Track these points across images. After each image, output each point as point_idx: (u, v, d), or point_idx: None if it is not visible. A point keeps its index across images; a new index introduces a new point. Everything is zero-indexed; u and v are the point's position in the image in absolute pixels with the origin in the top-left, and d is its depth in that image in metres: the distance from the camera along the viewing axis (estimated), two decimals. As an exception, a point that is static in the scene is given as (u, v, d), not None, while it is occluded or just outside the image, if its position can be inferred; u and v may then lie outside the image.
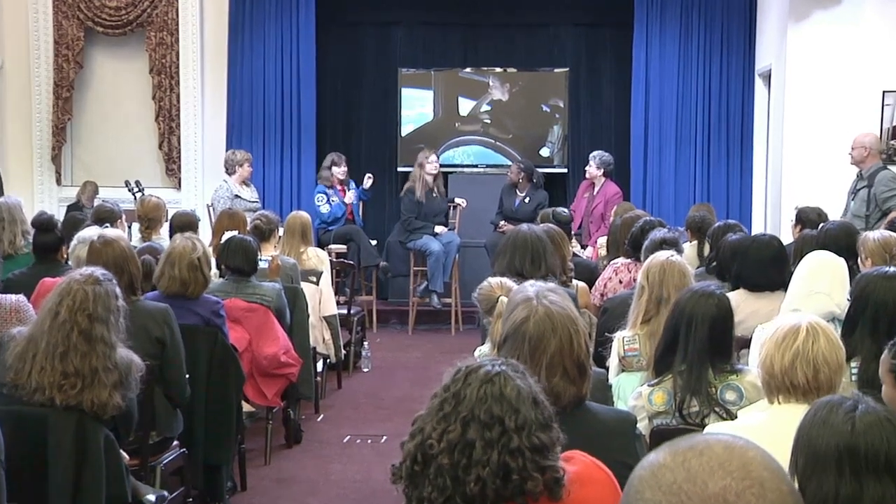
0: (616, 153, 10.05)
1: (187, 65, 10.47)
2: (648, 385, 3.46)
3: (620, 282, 5.64)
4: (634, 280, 5.05)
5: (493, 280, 3.78)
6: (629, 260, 5.71)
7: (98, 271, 3.52)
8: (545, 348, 2.49)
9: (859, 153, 7.69)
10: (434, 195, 9.64)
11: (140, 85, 10.67)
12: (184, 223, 6.45)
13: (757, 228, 9.46)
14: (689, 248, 6.34)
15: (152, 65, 10.50)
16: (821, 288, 4.13)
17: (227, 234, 5.66)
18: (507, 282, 4.07)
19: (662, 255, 4.09)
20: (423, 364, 8.28)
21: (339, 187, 9.79)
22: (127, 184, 9.47)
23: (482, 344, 4.41)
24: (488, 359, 2.04)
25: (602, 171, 9.44)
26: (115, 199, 7.99)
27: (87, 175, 10.45)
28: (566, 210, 7.33)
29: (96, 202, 8.99)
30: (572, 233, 7.40)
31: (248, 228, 6.45)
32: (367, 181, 9.89)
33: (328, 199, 9.69)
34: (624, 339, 4.02)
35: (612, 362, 4.11)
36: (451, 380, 1.98)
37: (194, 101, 10.52)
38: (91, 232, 5.14)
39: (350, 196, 9.75)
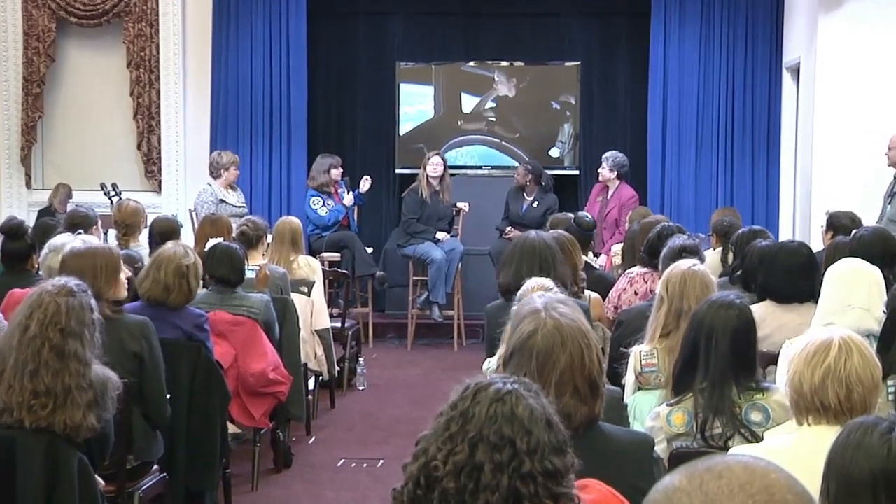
0: (632, 154, 10.05)
1: (168, 58, 10.49)
2: (667, 405, 3.46)
3: (636, 293, 5.64)
4: (651, 291, 5.06)
5: (533, 281, 3.79)
6: (645, 270, 5.71)
7: (71, 282, 3.52)
8: (554, 364, 2.49)
9: (896, 153, 7.70)
10: (440, 198, 9.63)
11: (117, 80, 10.68)
12: (165, 230, 6.45)
13: (785, 235, 9.46)
14: (713, 255, 6.34)
15: (130, 58, 10.51)
16: (858, 302, 4.08)
17: (212, 242, 5.66)
18: (544, 281, 4.07)
19: (684, 264, 4.09)
20: (423, 382, 8.28)
21: (336, 190, 9.78)
22: (103, 187, 9.47)
23: (483, 363, 4.41)
24: (499, 376, 2.04)
25: (615, 173, 9.45)
26: (89, 204, 8.01)
27: (59, 178, 10.46)
28: (589, 215, 7.32)
29: (69, 206, 9.01)
30: (592, 239, 7.38)
31: (233, 235, 6.45)
32: (365, 184, 9.88)
33: (324, 203, 9.68)
34: (641, 355, 4.02)
35: (628, 380, 4.11)
36: (459, 397, 1.98)
37: (176, 97, 10.53)
38: (64, 239, 5.15)
39: (349, 198, 9.74)
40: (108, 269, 4.34)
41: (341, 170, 9.82)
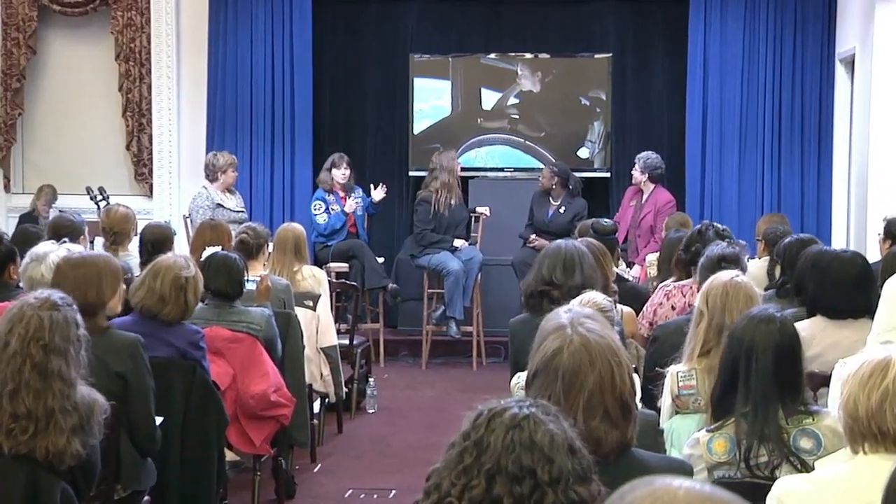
0: (668, 154, 10.03)
1: (160, 50, 10.53)
2: (707, 430, 3.45)
3: (673, 307, 5.63)
4: (690, 305, 5.05)
5: (586, 296, 3.80)
6: (684, 282, 5.70)
7: (55, 294, 3.53)
8: (582, 385, 2.49)
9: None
10: (453, 203, 9.64)
11: (104, 74, 10.73)
12: (157, 238, 6.47)
13: (838, 244, 9.42)
14: (758, 265, 6.32)
15: (119, 50, 10.56)
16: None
17: (209, 251, 5.68)
18: (597, 296, 4.08)
19: (725, 275, 4.08)
20: (439, 405, 8.28)
21: (340, 194, 9.80)
22: (88, 191, 9.51)
23: (511, 379, 4.42)
24: (514, 400, 2.04)
25: (647, 175, 9.44)
26: (74, 209, 8.04)
27: (41, 180, 10.51)
28: (608, 220, 7.31)
29: (53, 212, 9.04)
30: (617, 246, 7.36)
31: (232, 243, 6.48)
32: (379, 192, 9.88)
33: (327, 208, 9.71)
34: (678, 375, 4.01)
35: (664, 402, 4.10)
36: (472, 425, 1.98)
37: (169, 92, 10.57)
38: (47, 248, 5.17)
39: (351, 204, 9.75)
40: (114, 279, 4.40)
41: (347, 171, 9.81)
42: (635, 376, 2.86)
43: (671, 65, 10.73)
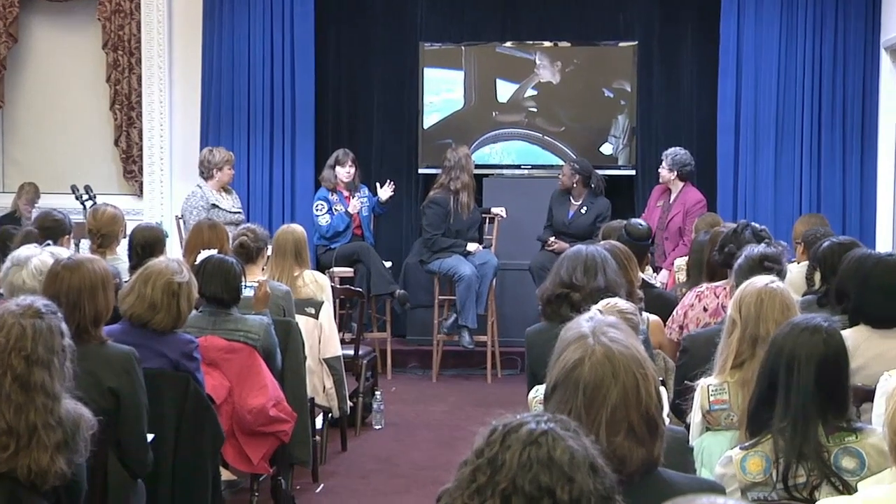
0: (698, 150, 10.02)
1: (151, 37, 10.55)
2: (741, 448, 3.45)
3: (705, 309, 5.63)
4: (724, 308, 5.04)
5: (607, 302, 3.80)
6: (717, 283, 5.69)
7: (39, 301, 3.54)
8: (605, 399, 2.49)
9: None
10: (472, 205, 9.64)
11: (91, 64, 10.76)
12: (147, 240, 6.49)
13: (883, 246, 9.40)
14: (796, 269, 6.31)
15: (106, 38, 10.59)
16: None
17: (203, 254, 5.69)
18: (620, 302, 4.08)
19: (760, 280, 4.08)
20: (451, 420, 8.28)
21: (344, 193, 9.81)
22: (74, 190, 9.53)
23: (528, 393, 4.41)
24: (532, 415, 2.04)
25: (676, 173, 9.43)
26: (59, 208, 8.03)
27: (22, 178, 10.54)
28: (644, 222, 7.28)
29: (37, 212, 9.05)
30: (648, 251, 7.35)
31: (230, 246, 6.49)
32: (386, 191, 9.89)
33: (330, 208, 9.72)
34: (709, 389, 4.01)
35: (694, 418, 4.10)
36: (486, 442, 1.98)
37: (160, 83, 10.59)
38: (29, 252, 5.19)
39: (356, 204, 9.76)
40: (110, 284, 4.43)
41: (352, 168, 9.81)
42: (662, 390, 2.86)
43: (701, 53, 10.71)
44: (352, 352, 7.79)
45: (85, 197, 9.40)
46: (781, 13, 10.08)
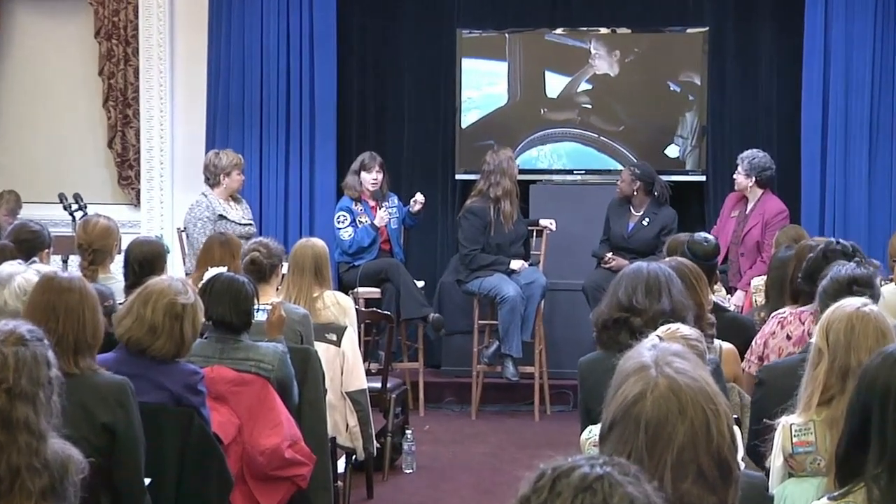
0: (780, 153, 10.00)
1: (150, 25, 10.61)
2: (829, 498, 3.43)
3: (788, 337, 5.60)
4: (810, 335, 5.02)
5: (668, 328, 3.81)
6: (803, 308, 5.67)
7: (23, 326, 3.56)
8: (670, 439, 2.49)
9: None
10: (516, 215, 9.64)
11: (81, 55, 10.83)
12: (146, 256, 6.52)
13: None
14: (892, 290, 6.28)
15: (99, 25, 10.66)
16: None
17: (211, 272, 5.72)
18: (683, 328, 4.07)
19: (850, 304, 4.06)
20: (493, 464, 8.27)
21: (370, 203, 9.83)
22: (62, 199, 9.59)
23: (581, 433, 4.41)
24: (585, 457, 2.04)
25: (753, 179, 9.40)
26: (44, 220, 8.09)
27: (3, 185, 10.59)
28: (710, 237, 7.24)
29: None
30: (717, 270, 7.32)
31: (240, 263, 6.52)
32: (417, 203, 9.88)
33: (353, 220, 9.74)
34: (792, 429, 4.00)
35: (775, 462, 4.08)
36: (532, 489, 1.98)
37: (160, 77, 10.65)
38: (11, 269, 5.23)
39: (383, 216, 9.76)
40: (99, 306, 4.46)
41: (380, 174, 9.82)
42: (737, 429, 2.85)
43: (783, 40, 10.69)
44: (379, 384, 7.80)
45: (74, 207, 9.44)
46: (875, -5, 10.06)
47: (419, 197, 9.93)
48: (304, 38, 10.53)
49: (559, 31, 10.86)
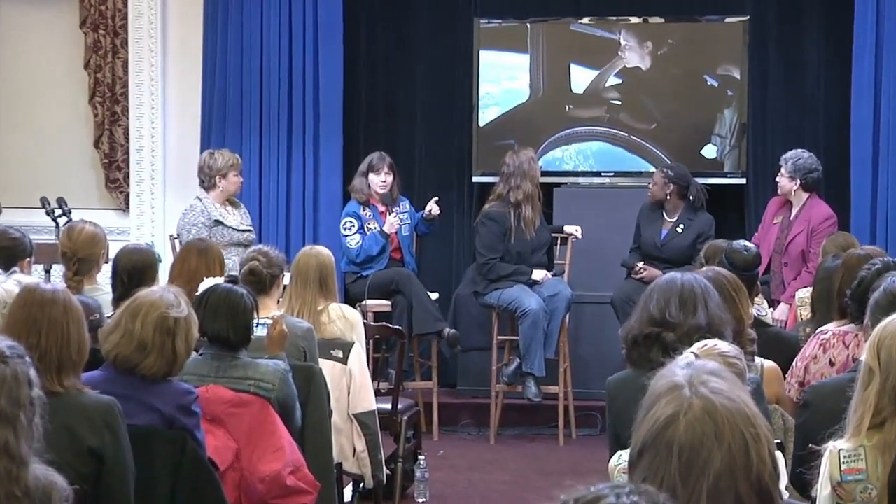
0: (826, 154, 9.99)
1: (141, 14, 10.63)
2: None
3: (831, 363, 5.60)
4: (854, 361, 5.02)
5: (704, 344, 3.81)
6: (847, 328, 5.66)
7: (2, 343, 3.57)
8: (705, 465, 2.49)
9: None
10: (538, 222, 9.65)
11: (65, 47, 10.86)
12: (136, 266, 6.53)
13: None
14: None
15: (85, 14, 10.69)
16: None
17: (207, 283, 5.73)
18: (721, 344, 4.08)
19: (903, 320, 4.06)
20: (514, 492, 8.28)
21: (379, 207, 9.83)
22: (44, 203, 9.61)
23: (610, 459, 4.42)
24: (609, 485, 2.05)
25: (798, 182, 9.39)
26: (25, 226, 8.11)
27: (-17, 189, 10.66)
28: (750, 245, 7.23)
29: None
30: (758, 281, 7.31)
31: (227, 274, 6.51)
32: (433, 209, 9.86)
33: (361, 226, 9.74)
34: (840, 455, 3.99)
35: (822, 491, 4.08)
36: (556, 521, 2.00)
37: (151, 70, 10.68)
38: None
39: (394, 222, 9.75)
40: (83, 322, 4.48)
41: (390, 176, 9.82)
42: (779, 454, 2.86)
43: (830, 32, 10.68)
44: (389, 405, 7.80)
45: (58, 212, 9.46)
46: (932, -18, 10.05)
47: (434, 207, 9.91)
48: (308, 28, 10.54)
49: (586, 20, 10.87)
